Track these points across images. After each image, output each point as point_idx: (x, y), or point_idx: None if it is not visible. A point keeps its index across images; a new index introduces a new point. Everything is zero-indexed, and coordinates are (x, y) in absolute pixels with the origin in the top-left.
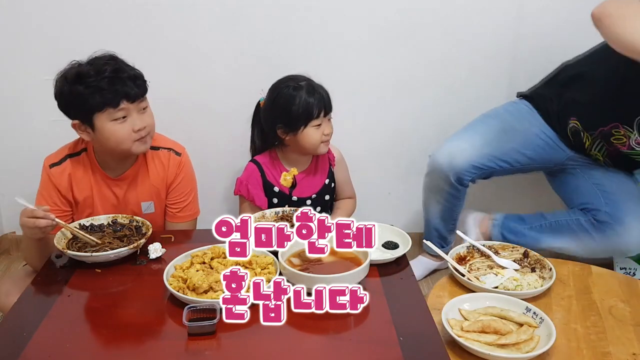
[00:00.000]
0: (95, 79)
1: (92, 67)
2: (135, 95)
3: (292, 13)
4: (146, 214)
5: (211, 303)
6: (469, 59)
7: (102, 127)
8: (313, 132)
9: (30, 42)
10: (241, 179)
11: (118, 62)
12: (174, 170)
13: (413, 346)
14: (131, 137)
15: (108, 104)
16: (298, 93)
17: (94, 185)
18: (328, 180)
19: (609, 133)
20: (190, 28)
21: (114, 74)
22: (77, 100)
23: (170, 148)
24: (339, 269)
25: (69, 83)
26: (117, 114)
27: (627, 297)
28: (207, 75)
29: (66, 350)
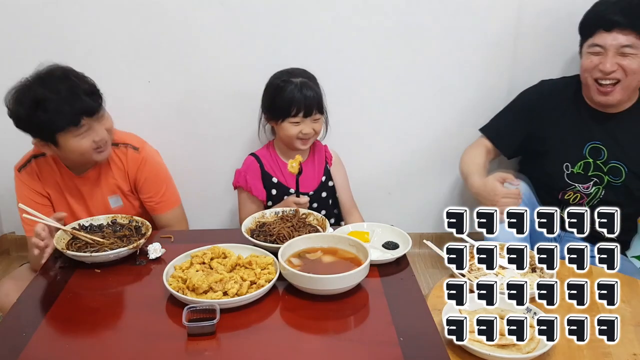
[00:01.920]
0: (52, 103)
1: (48, 90)
2: (94, 109)
3: (294, 12)
4: (116, 208)
5: (211, 303)
6: (469, 60)
7: (65, 144)
8: (290, 127)
9: (30, 42)
10: (240, 170)
11: (71, 78)
12: (135, 166)
13: (413, 346)
14: (92, 147)
15: (70, 124)
16: (285, 86)
17: (61, 183)
18: (325, 177)
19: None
20: (190, 27)
21: (70, 93)
22: (37, 124)
23: (127, 143)
24: (339, 269)
25: (26, 108)
26: (80, 131)
27: (627, 297)
28: (206, 75)
29: (65, 351)
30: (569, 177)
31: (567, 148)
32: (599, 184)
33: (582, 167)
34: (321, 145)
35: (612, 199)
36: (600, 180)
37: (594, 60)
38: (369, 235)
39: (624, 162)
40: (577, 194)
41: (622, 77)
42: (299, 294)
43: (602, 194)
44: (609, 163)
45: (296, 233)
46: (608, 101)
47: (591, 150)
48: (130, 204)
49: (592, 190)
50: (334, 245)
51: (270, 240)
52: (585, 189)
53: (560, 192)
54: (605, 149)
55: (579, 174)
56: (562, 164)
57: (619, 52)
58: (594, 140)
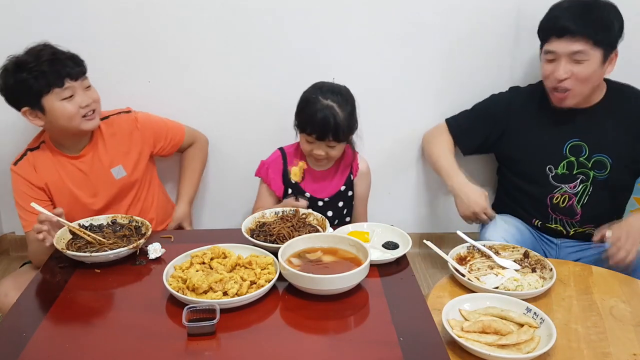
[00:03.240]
0: (35, 64)
1: (30, 55)
2: (77, 73)
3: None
4: (120, 179)
5: (211, 303)
6: (468, 60)
7: (51, 107)
8: (304, 142)
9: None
10: (264, 162)
11: (53, 47)
12: (135, 124)
13: (413, 346)
14: (79, 112)
15: (53, 84)
16: (311, 102)
17: (58, 167)
18: (345, 187)
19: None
20: (191, 27)
21: (53, 56)
22: (22, 87)
23: (118, 112)
24: (340, 269)
25: (11, 73)
26: (64, 93)
27: (628, 298)
28: (206, 75)
29: (65, 351)
30: (554, 179)
31: (547, 151)
32: (585, 181)
33: (566, 166)
34: (350, 152)
35: (600, 194)
36: (587, 177)
37: (549, 68)
38: (369, 235)
39: (606, 153)
40: (565, 195)
41: (573, 85)
42: (299, 294)
43: (590, 190)
44: (593, 157)
45: (296, 233)
46: (564, 105)
47: (572, 148)
48: (134, 170)
49: (579, 188)
50: (334, 245)
51: (270, 240)
52: (572, 188)
53: (548, 196)
54: (586, 145)
55: (564, 174)
56: (545, 167)
57: (571, 58)
58: (572, 138)
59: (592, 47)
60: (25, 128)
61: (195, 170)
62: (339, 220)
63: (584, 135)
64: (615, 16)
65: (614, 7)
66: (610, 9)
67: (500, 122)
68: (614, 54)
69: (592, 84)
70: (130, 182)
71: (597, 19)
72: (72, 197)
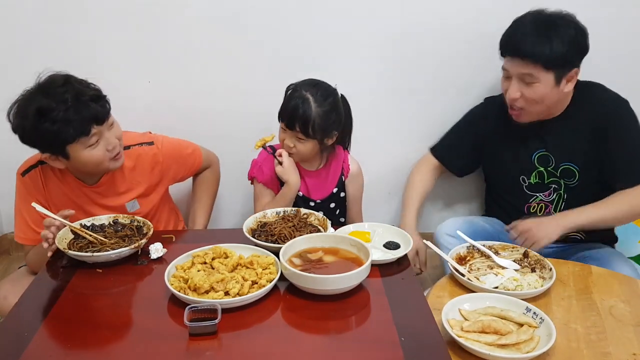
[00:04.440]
0: (59, 112)
1: (52, 99)
2: (103, 116)
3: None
4: (134, 212)
5: (212, 303)
6: (469, 61)
7: (76, 156)
8: (280, 131)
9: (30, 42)
10: (256, 161)
11: (74, 85)
12: (156, 160)
13: (414, 346)
14: (106, 156)
15: (80, 134)
16: (291, 93)
17: (70, 194)
18: (337, 189)
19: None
20: (191, 27)
21: (77, 100)
22: (45, 136)
23: (140, 143)
24: (341, 269)
25: (31, 120)
26: (91, 141)
27: (627, 297)
28: (206, 75)
29: (67, 351)
30: (528, 188)
31: (519, 161)
32: (558, 190)
33: (538, 176)
34: (341, 153)
35: (575, 201)
36: (559, 186)
37: (504, 84)
38: (370, 235)
39: (572, 162)
40: (541, 203)
41: (524, 105)
42: (300, 294)
43: (564, 198)
44: (560, 166)
45: (297, 233)
46: (520, 122)
47: (539, 158)
48: (149, 203)
49: (554, 197)
50: (335, 245)
51: (272, 240)
52: (547, 197)
53: (525, 205)
54: (552, 155)
55: (537, 184)
56: (519, 177)
57: (521, 79)
58: (539, 148)
59: (542, 70)
60: None
61: (210, 196)
62: (331, 222)
63: (549, 146)
64: (576, 36)
65: (574, 25)
66: (570, 28)
67: (480, 137)
68: (573, 72)
69: (546, 104)
70: (142, 213)
71: (552, 42)
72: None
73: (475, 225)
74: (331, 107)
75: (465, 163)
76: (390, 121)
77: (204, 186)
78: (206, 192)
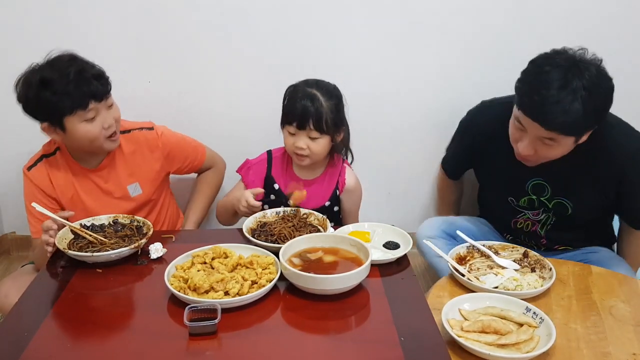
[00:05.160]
0: (61, 84)
1: (56, 71)
2: (102, 93)
3: (296, 11)
4: (136, 196)
5: (212, 303)
6: (470, 61)
7: (73, 128)
8: (286, 136)
9: (30, 42)
10: (249, 161)
11: (79, 62)
12: (158, 143)
13: (414, 346)
14: (102, 134)
15: (77, 107)
16: (293, 91)
17: (75, 181)
18: (329, 203)
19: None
20: (191, 27)
21: (79, 76)
22: (45, 105)
23: (140, 127)
24: (341, 269)
25: (34, 89)
26: (88, 115)
27: (627, 297)
28: (206, 75)
29: (67, 350)
30: (517, 206)
31: (509, 183)
32: (548, 212)
33: (527, 202)
34: (339, 166)
35: (563, 224)
36: (549, 209)
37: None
38: (369, 235)
39: (568, 198)
40: (529, 221)
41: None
42: (300, 293)
43: (552, 220)
44: (554, 199)
45: (297, 233)
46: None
47: (534, 187)
48: (150, 188)
49: (542, 217)
50: (335, 245)
51: (272, 240)
52: (535, 215)
53: (512, 220)
54: (549, 186)
55: (525, 207)
56: (507, 197)
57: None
58: (536, 176)
59: (564, 137)
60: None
61: (208, 196)
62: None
63: (549, 176)
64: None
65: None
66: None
67: (476, 143)
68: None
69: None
70: (145, 199)
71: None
72: (85, 211)
73: (456, 225)
74: (338, 101)
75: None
76: (390, 121)
77: (204, 186)
78: (204, 192)
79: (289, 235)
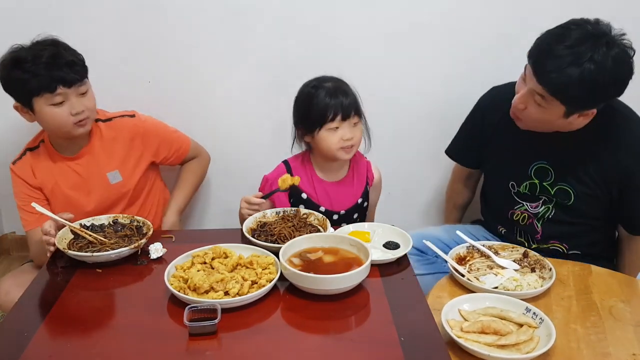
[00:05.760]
0: (32, 64)
1: (30, 52)
2: (72, 80)
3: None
4: (115, 184)
5: (212, 303)
6: (472, 61)
7: (40, 110)
8: (328, 135)
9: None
10: (268, 177)
11: (58, 47)
12: (139, 131)
13: (414, 346)
14: (69, 120)
15: (44, 89)
16: (317, 92)
17: (54, 169)
18: (362, 199)
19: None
20: (191, 27)
21: (51, 60)
22: (15, 84)
23: (121, 115)
24: (340, 269)
25: (8, 67)
26: (55, 99)
27: (627, 297)
28: (206, 75)
29: (67, 350)
30: (516, 195)
31: (512, 166)
32: (548, 203)
33: (528, 187)
34: (364, 161)
35: (562, 218)
36: (549, 200)
37: (519, 85)
38: (369, 235)
39: (571, 184)
40: (525, 213)
41: (525, 117)
42: (300, 293)
43: (551, 213)
44: (557, 185)
45: (297, 233)
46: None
47: (537, 170)
48: (131, 176)
49: (540, 209)
50: (335, 245)
51: (272, 240)
52: (533, 208)
53: (509, 211)
54: (553, 170)
55: (526, 194)
56: (508, 183)
57: (532, 94)
58: (540, 160)
59: (553, 99)
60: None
61: (190, 183)
62: None
63: (553, 160)
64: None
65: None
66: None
67: (486, 127)
68: (590, 111)
69: (550, 127)
70: (126, 187)
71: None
72: (66, 200)
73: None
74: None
75: (476, 155)
76: (390, 120)
77: (188, 174)
78: (187, 179)
79: (289, 235)
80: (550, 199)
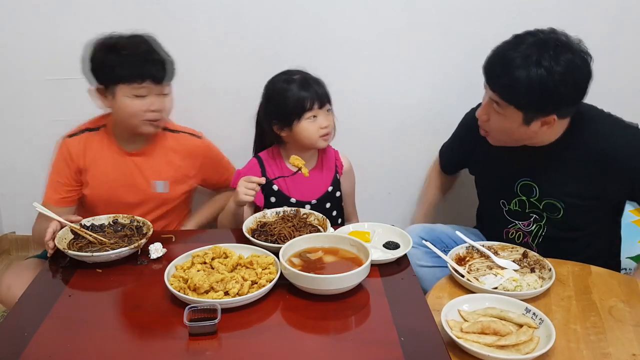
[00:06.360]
0: (128, 53)
1: (129, 42)
2: (160, 78)
3: (293, 11)
4: (161, 193)
5: (212, 303)
6: (471, 61)
7: (121, 97)
8: (308, 125)
9: (30, 42)
10: (240, 172)
11: (153, 45)
12: (201, 152)
13: (414, 346)
14: (143, 115)
15: (135, 78)
16: (289, 86)
17: (107, 157)
18: (332, 187)
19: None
20: (191, 27)
21: (147, 54)
22: (106, 67)
23: (190, 133)
24: (340, 269)
25: (105, 50)
26: (140, 91)
27: (627, 298)
28: (205, 74)
29: (67, 350)
30: (508, 214)
31: (500, 184)
32: (539, 221)
33: (518, 204)
34: (332, 151)
35: (555, 234)
36: (540, 217)
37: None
38: (369, 235)
39: (558, 198)
40: (520, 232)
41: (489, 129)
42: (300, 293)
43: (544, 231)
44: (543, 200)
45: (297, 233)
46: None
47: (522, 187)
48: (176, 191)
49: (533, 227)
50: (334, 245)
51: (271, 240)
52: (526, 226)
53: (504, 230)
54: (537, 186)
55: (517, 211)
56: (498, 201)
57: (491, 103)
58: (524, 177)
59: (507, 105)
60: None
61: (219, 207)
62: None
63: (536, 176)
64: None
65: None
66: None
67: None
68: (550, 118)
69: (514, 138)
70: (166, 199)
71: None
72: (109, 190)
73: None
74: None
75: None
76: (390, 120)
77: (222, 198)
78: (216, 203)
79: (289, 235)
80: (541, 216)
